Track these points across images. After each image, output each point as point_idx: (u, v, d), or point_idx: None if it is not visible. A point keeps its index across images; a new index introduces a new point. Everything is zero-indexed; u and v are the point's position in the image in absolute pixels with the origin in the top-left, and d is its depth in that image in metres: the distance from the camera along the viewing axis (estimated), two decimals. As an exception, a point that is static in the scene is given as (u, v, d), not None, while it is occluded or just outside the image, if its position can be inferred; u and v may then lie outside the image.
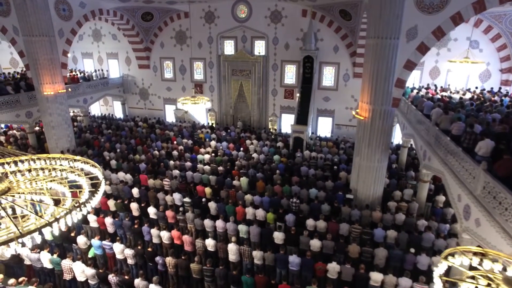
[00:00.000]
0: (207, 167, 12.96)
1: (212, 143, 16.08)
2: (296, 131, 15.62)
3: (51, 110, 14.02)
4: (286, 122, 19.57)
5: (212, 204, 10.15)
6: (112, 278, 7.20)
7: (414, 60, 9.46)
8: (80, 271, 7.51)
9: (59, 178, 5.91)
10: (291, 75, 19.03)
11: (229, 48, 19.77)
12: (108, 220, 9.53)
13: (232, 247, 8.14)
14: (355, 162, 11.05)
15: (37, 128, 17.63)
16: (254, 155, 14.25)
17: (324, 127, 19.43)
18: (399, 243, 8.56)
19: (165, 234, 8.82)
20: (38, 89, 13.72)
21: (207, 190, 11.17)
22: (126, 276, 7.21)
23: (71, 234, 8.92)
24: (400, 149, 14.76)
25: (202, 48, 19.95)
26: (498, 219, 5.61)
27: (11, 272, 8.26)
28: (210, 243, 8.45)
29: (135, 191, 11.15)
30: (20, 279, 6.75)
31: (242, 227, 9.04)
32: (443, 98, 12.35)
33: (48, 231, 4.73)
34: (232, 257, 8.21)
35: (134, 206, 10.25)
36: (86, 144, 15.91)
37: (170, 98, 22.13)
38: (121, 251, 8.27)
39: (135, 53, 21.47)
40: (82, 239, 8.68)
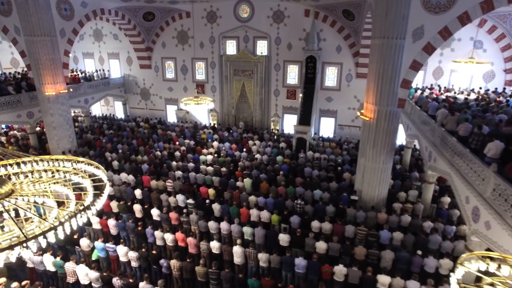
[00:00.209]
0: (210, 168, 12.85)
1: (215, 143, 15.96)
2: (299, 131, 15.51)
3: (52, 111, 13.91)
4: (289, 123, 19.47)
5: (216, 206, 10.04)
6: (116, 281, 7.10)
7: (420, 61, 9.39)
8: (84, 274, 7.40)
9: (62, 180, 5.82)
10: (293, 75, 18.91)
11: (231, 48, 19.66)
12: (111, 222, 9.41)
13: (237, 250, 8.04)
14: (359, 163, 10.96)
15: (38, 129, 17.53)
16: (257, 156, 14.13)
17: (327, 128, 19.33)
18: (406, 245, 8.48)
19: (169, 236, 8.72)
20: (40, 89, 13.61)
21: (211, 192, 11.06)
22: (130, 279, 7.12)
23: (73, 236, 8.81)
24: (404, 149, 14.68)
25: (204, 48, 19.85)
26: (510, 222, 5.52)
27: (13, 275, 8.18)
28: (215, 245, 8.36)
29: (138, 193, 11.06)
30: (23, 283, 6.66)
31: (247, 229, 8.95)
32: (448, 98, 12.26)
33: (53, 235, 4.64)
34: (238, 259, 8.11)
35: (137, 208, 10.15)
36: (88, 145, 15.80)
37: (172, 99, 22.04)
38: (124, 253, 8.17)
39: (137, 53, 21.36)
40: (85, 242, 8.58)
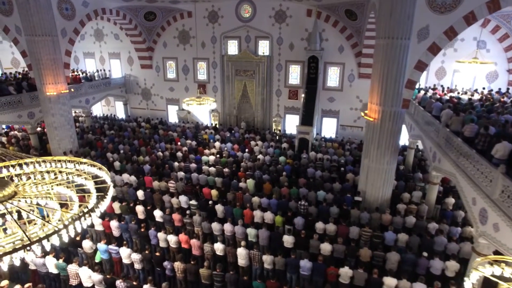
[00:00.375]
0: (212, 169, 12.76)
1: (217, 144, 15.86)
2: (302, 132, 15.43)
3: (53, 111, 13.83)
4: (290, 123, 19.40)
5: (219, 207, 9.97)
6: (120, 284, 7.02)
7: (425, 61, 9.34)
8: (87, 276, 7.32)
9: (65, 181, 5.74)
10: (295, 75, 18.84)
11: (232, 48, 19.58)
12: (114, 223, 9.33)
13: (241, 252, 7.96)
14: (363, 164, 10.88)
15: (39, 129, 17.44)
16: (260, 156, 14.04)
17: (329, 128, 19.25)
18: (411, 246, 8.40)
19: (172, 238, 8.64)
20: (41, 89, 13.53)
21: (214, 193, 10.99)
22: (134, 282, 7.04)
23: (76, 238, 8.73)
24: (407, 150, 14.60)
25: (206, 48, 19.76)
26: (520, 224, 5.45)
27: (15, 277, 8.09)
28: (219, 247, 8.28)
29: (140, 194, 10.98)
30: (26, 286, 6.58)
31: (251, 231, 8.87)
32: (452, 99, 12.19)
33: (57, 238, 4.56)
34: (242, 261, 8.02)
35: (139, 209, 10.06)
36: (89, 145, 15.72)
37: (173, 99, 21.97)
38: (128, 255, 8.08)
39: (138, 53, 21.27)
40: (87, 243, 8.49)
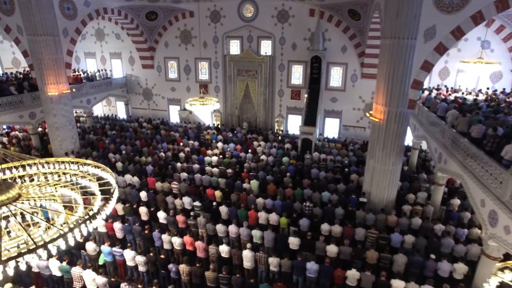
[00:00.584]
0: (216, 170, 12.65)
1: (219, 144, 15.76)
2: (305, 132, 15.34)
3: (55, 111, 13.73)
4: (293, 123, 19.32)
5: (223, 208, 9.85)
6: (124, 287, 6.92)
7: (431, 61, 9.23)
8: (91, 279, 7.23)
9: (69, 183, 5.64)
10: (298, 75, 18.74)
11: (235, 48, 19.47)
12: (117, 225, 9.23)
13: (247, 254, 7.86)
14: (368, 165, 10.80)
15: (40, 129, 17.33)
16: (263, 157, 13.95)
17: (331, 128, 19.15)
18: (418, 248, 8.32)
19: (176, 240, 8.53)
20: (42, 89, 13.42)
21: (217, 194, 10.89)
22: (139, 285, 6.94)
23: (79, 240, 8.63)
24: (411, 151, 14.51)
25: (208, 48, 19.65)
26: (533, 227, 5.37)
27: (18, 280, 8.00)
28: (224, 249, 8.18)
29: (143, 195, 10.88)
30: (30, 289, 6.50)
31: (256, 232, 8.77)
32: (457, 99, 12.11)
33: (63, 242, 4.47)
34: (247, 264, 7.93)
35: (143, 210, 9.96)
36: (91, 146, 15.61)
37: (175, 99, 21.86)
38: (132, 258, 7.99)
39: (139, 52, 21.16)
40: (91, 246, 8.40)
